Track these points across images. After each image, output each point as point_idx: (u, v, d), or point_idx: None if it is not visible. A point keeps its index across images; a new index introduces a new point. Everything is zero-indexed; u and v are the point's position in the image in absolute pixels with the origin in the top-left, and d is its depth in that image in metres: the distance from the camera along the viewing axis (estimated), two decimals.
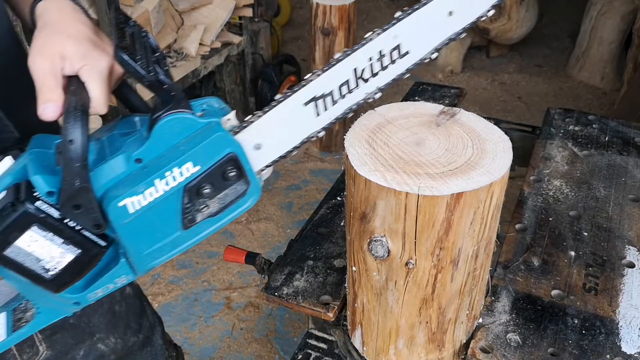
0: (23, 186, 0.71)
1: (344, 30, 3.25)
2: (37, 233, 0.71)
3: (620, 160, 1.40)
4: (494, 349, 0.96)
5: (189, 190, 0.72)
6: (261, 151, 0.77)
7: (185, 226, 0.75)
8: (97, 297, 0.82)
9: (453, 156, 0.83)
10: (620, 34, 3.96)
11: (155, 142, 0.71)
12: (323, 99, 0.76)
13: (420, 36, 0.75)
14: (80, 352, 1.18)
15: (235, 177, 0.74)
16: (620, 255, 1.13)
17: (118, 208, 0.71)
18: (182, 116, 0.71)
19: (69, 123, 0.68)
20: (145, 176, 0.71)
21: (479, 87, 4.18)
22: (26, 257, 0.73)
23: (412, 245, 0.82)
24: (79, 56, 0.74)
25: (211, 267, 2.71)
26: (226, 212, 0.76)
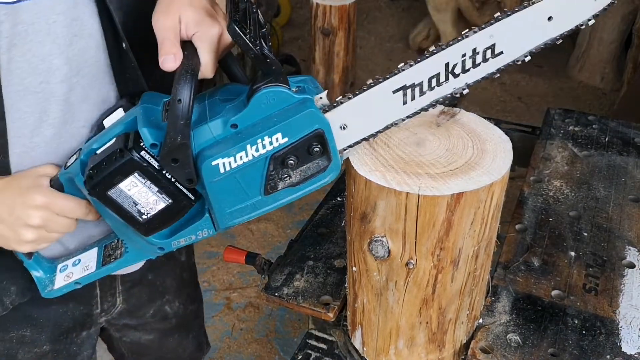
0: (131, 136, 0.79)
1: (344, 30, 3.26)
2: (138, 179, 0.80)
3: (620, 161, 1.40)
4: (494, 349, 0.96)
5: (275, 159, 0.77)
6: (346, 131, 0.81)
7: (267, 191, 0.80)
8: (179, 246, 0.90)
9: (453, 156, 0.83)
10: (620, 34, 3.96)
11: (251, 111, 0.76)
12: (412, 88, 0.79)
13: (516, 38, 0.77)
14: (150, 310, 1.27)
15: (319, 153, 0.78)
16: (621, 256, 1.13)
17: (211, 167, 0.77)
18: (279, 89, 0.76)
19: (179, 84, 0.74)
20: (239, 141, 0.76)
21: (479, 87, 4.18)
22: (125, 199, 0.82)
23: (413, 246, 0.82)
24: (195, 22, 0.81)
25: (211, 267, 2.71)
26: (306, 184, 0.81)
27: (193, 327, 1.43)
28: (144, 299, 1.24)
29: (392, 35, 4.92)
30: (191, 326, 1.42)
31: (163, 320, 1.31)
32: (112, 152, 0.79)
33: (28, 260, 0.96)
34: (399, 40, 4.81)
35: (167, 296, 1.28)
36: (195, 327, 1.44)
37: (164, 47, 0.79)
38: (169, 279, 1.27)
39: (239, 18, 0.75)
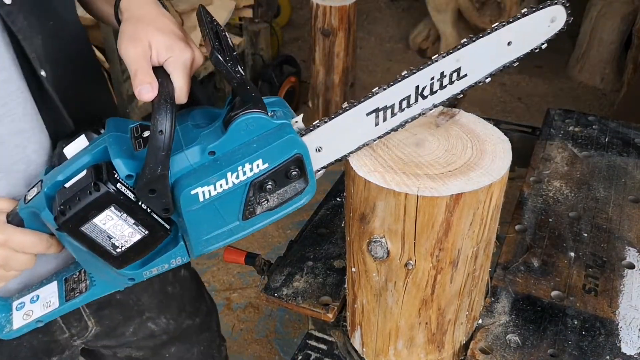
0: (104, 167, 0.76)
1: (344, 31, 3.26)
2: (114, 212, 0.77)
3: (620, 161, 1.40)
4: (493, 349, 0.96)
5: (254, 185, 0.78)
6: (321, 154, 0.84)
7: (245, 217, 0.81)
8: (151, 275, 0.88)
9: (452, 157, 0.83)
10: (620, 34, 3.96)
11: (230, 138, 0.76)
12: (384, 110, 0.82)
13: (479, 62, 0.82)
14: (130, 329, 1.21)
15: (297, 176, 0.79)
16: (620, 256, 1.13)
17: (190, 195, 0.76)
18: (258, 116, 0.76)
19: (160, 114, 0.72)
20: (219, 168, 0.76)
21: (479, 88, 4.18)
22: (99, 234, 0.79)
23: (412, 246, 0.82)
24: (166, 48, 0.79)
25: (211, 267, 2.71)
26: (283, 208, 0.82)
27: (199, 341, 1.36)
28: (119, 319, 1.18)
29: (392, 36, 4.92)
30: (195, 340, 1.35)
31: (150, 338, 1.25)
32: (85, 185, 0.75)
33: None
34: (399, 40, 4.81)
35: (148, 313, 1.22)
36: (202, 340, 1.36)
37: (137, 76, 0.76)
38: (144, 296, 1.21)
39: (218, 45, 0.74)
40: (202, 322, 1.36)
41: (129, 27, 0.81)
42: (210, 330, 1.40)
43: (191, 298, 1.33)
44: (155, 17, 0.83)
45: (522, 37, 0.81)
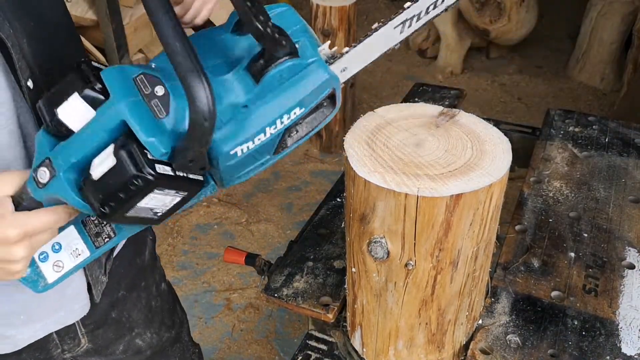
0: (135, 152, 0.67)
1: (344, 31, 3.25)
2: (157, 193, 0.71)
3: (620, 162, 1.40)
4: (493, 350, 0.96)
5: (289, 129, 0.75)
6: (345, 72, 0.80)
7: (277, 152, 0.77)
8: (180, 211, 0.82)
9: (452, 157, 0.83)
10: (620, 35, 3.96)
11: (264, 90, 0.71)
12: (411, 19, 0.80)
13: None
14: (120, 347, 1.21)
15: (327, 105, 0.76)
16: (620, 257, 1.13)
17: (229, 155, 0.72)
18: (292, 63, 0.71)
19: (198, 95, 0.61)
20: (256, 124, 0.71)
21: (479, 88, 4.18)
22: (143, 211, 0.74)
23: (412, 247, 0.82)
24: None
25: (211, 268, 2.71)
26: (311, 132, 0.78)
27: (173, 353, 1.36)
28: (111, 338, 1.17)
29: None
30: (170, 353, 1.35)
31: (137, 354, 1.25)
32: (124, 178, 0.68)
33: None
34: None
35: (137, 330, 1.22)
36: (176, 352, 1.37)
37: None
38: (134, 312, 1.20)
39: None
40: (176, 333, 1.35)
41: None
42: (181, 341, 1.39)
43: (168, 311, 1.33)
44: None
45: None
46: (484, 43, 4.41)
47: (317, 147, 3.50)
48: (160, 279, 1.31)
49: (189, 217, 3.00)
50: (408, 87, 2.01)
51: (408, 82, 4.10)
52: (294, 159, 3.44)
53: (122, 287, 1.16)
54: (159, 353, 1.31)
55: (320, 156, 3.46)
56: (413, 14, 0.79)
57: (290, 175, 3.29)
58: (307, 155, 3.48)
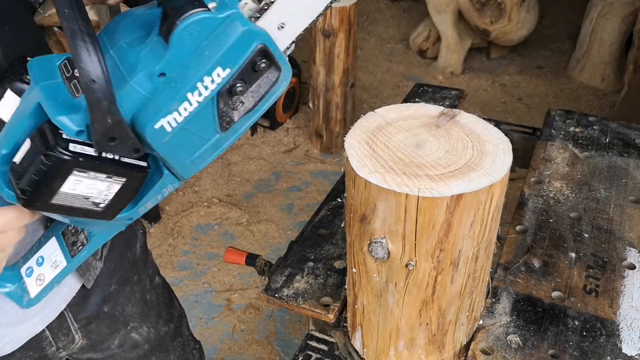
0: (48, 131, 0.65)
1: (344, 32, 3.26)
2: (79, 176, 0.68)
3: (621, 162, 1.40)
4: (494, 350, 0.96)
5: (222, 95, 0.68)
6: (285, 30, 0.72)
7: (223, 128, 0.72)
8: (147, 209, 0.80)
9: (453, 158, 0.83)
10: (621, 35, 3.96)
11: (176, 52, 0.66)
12: None
13: None
14: (115, 342, 1.20)
15: (267, 66, 0.69)
16: (621, 257, 1.13)
17: (155, 130, 0.67)
18: (200, 17, 0.65)
19: (82, 57, 0.60)
20: (175, 92, 0.66)
21: (480, 89, 4.18)
22: (74, 199, 0.71)
23: (412, 247, 0.82)
24: None
25: (211, 268, 2.71)
26: (262, 103, 0.72)
27: (173, 348, 1.35)
28: (106, 332, 1.16)
29: (393, 37, 4.92)
30: (170, 347, 1.34)
31: (134, 348, 1.24)
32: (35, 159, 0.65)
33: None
34: (400, 41, 4.81)
35: (132, 323, 1.21)
36: (176, 347, 1.36)
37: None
38: (129, 306, 1.19)
39: None
40: (175, 327, 1.35)
41: None
42: (182, 336, 1.39)
43: (165, 304, 1.32)
44: None
45: None
46: (484, 43, 4.41)
47: (318, 148, 3.50)
48: (153, 272, 1.30)
49: (189, 218, 3.00)
50: (408, 87, 2.01)
51: (408, 82, 4.11)
52: (294, 159, 3.44)
53: (114, 281, 1.16)
54: (158, 347, 1.31)
55: (320, 156, 3.46)
56: None
57: (290, 176, 3.29)
58: (308, 155, 3.48)
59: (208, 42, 0.65)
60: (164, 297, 1.32)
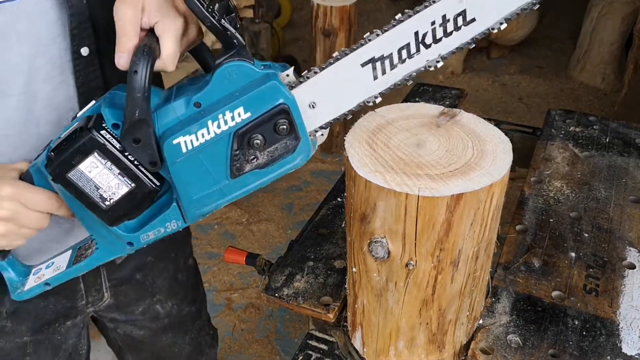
0: (94, 117, 0.77)
1: (344, 31, 3.26)
2: (98, 159, 0.77)
3: (621, 162, 1.40)
4: (494, 350, 0.96)
5: (239, 137, 0.75)
6: (316, 110, 0.78)
7: (233, 174, 0.78)
8: (149, 240, 0.87)
9: (453, 157, 0.83)
10: (621, 35, 3.96)
11: (214, 87, 0.74)
12: (381, 61, 0.75)
13: (488, 3, 0.72)
14: (139, 308, 1.27)
15: (286, 131, 0.75)
16: (621, 257, 1.13)
17: (172, 145, 0.75)
18: (241, 64, 0.74)
19: (136, 56, 0.72)
20: (200, 118, 0.74)
21: (480, 88, 4.18)
22: (86, 183, 0.79)
23: (412, 247, 0.82)
24: (157, 10, 0.77)
25: (212, 268, 2.71)
26: (274, 167, 0.78)
27: (191, 329, 1.42)
28: (133, 297, 1.24)
29: None
30: (188, 328, 1.40)
31: (154, 319, 1.31)
32: (72, 131, 0.77)
33: (1, 260, 0.94)
34: None
35: (158, 296, 1.28)
36: (193, 329, 1.42)
37: (120, 42, 0.76)
38: (159, 280, 1.27)
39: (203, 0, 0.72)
40: (196, 310, 1.41)
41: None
42: (201, 319, 1.45)
43: (193, 286, 1.39)
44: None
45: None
46: (484, 43, 4.41)
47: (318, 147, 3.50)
48: (189, 254, 1.38)
49: None
50: (409, 87, 2.01)
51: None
52: None
53: (151, 254, 1.23)
54: (177, 325, 1.37)
55: (320, 156, 3.46)
56: (381, 54, 0.75)
57: (290, 175, 3.29)
58: None
59: (242, 88, 0.74)
60: (193, 279, 1.39)
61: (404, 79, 0.77)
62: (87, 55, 0.88)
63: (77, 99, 0.91)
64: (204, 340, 1.48)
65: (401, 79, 0.77)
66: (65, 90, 0.89)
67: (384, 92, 0.78)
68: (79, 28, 0.86)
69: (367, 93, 0.78)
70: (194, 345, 1.44)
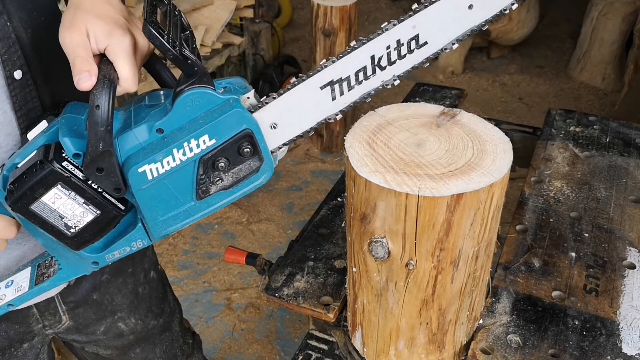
0: (52, 146, 0.76)
1: (344, 31, 3.26)
2: (62, 191, 0.76)
3: (621, 162, 1.40)
4: (494, 350, 0.96)
5: (204, 162, 0.76)
6: (277, 130, 0.80)
7: (199, 196, 0.79)
8: (115, 259, 0.87)
9: (453, 157, 0.83)
10: (621, 34, 3.96)
11: (176, 114, 0.75)
12: (340, 83, 0.78)
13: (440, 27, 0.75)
14: (101, 328, 1.23)
15: (250, 153, 0.77)
16: (621, 257, 1.13)
17: (138, 174, 0.75)
18: (203, 91, 0.75)
19: (96, 90, 0.72)
20: (165, 145, 0.75)
21: (480, 88, 4.18)
22: (50, 213, 0.78)
23: (413, 246, 0.82)
24: (105, 34, 0.77)
25: (212, 268, 2.71)
26: (239, 187, 0.80)
27: (160, 342, 1.37)
28: (92, 318, 1.20)
29: None
30: (157, 341, 1.36)
31: (118, 337, 1.26)
32: (32, 164, 0.76)
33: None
34: None
35: (120, 314, 1.24)
36: (163, 341, 1.37)
37: (76, 65, 0.74)
38: (118, 297, 1.22)
39: (156, 19, 0.73)
40: (164, 322, 1.37)
41: (68, 14, 0.79)
42: (171, 330, 1.40)
43: (157, 299, 1.34)
44: (95, 3, 0.80)
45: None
46: (484, 43, 4.41)
47: (318, 147, 3.50)
48: (150, 266, 1.31)
49: None
50: (409, 86, 2.01)
51: (409, 81, 4.10)
52: (294, 158, 3.44)
53: (107, 270, 1.18)
54: (144, 340, 1.32)
55: (321, 156, 3.47)
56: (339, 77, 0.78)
57: (291, 175, 3.29)
58: (308, 154, 3.48)
59: (205, 114, 0.75)
60: (157, 292, 1.34)
61: (362, 97, 0.81)
62: (20, 78, 0.86)
63: (15, 122, 0.89)
64: (179, 351, 1.44)
65: (359, 98, 0.81)
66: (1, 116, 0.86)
67: (342, 110, 0.81)
68: (8, 52, 0.84)
69: (326, 113, 0.81)
70: (168, 357, 1.40)
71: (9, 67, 0.84)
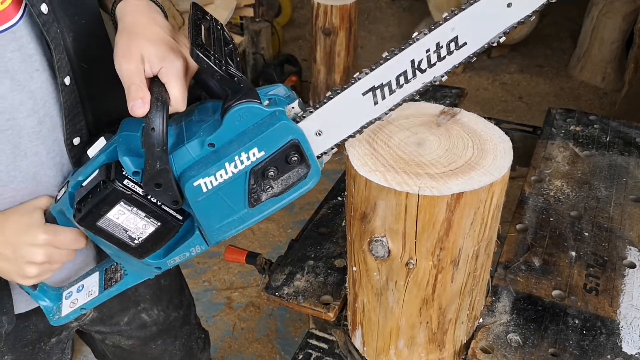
0: (113, 166, 0.82)
1: (345, 30, 3.26)
2: (124, 207, 0.82)
3: (622, 161, 1.40)
4: (494, 349, 0.96)
5: (254, 173, 0.80)
6: (322, 137, 0.83)
7: (251, 204, 0.83)
8: (175, 263, 0.93)
9: (453, 156, 0.83)
10: (622, 34, 3.95)
11: (226, 129, 0.79)
12: (381, 88, 0.80)
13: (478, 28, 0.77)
14: (125, 319, 1.27)
15: (297, 162, 0.80)
16: (621, 256, 1.13)
17: (193, 187, 0.80)
18: (250, 105, 0.78)
19: (151, 113, 0.76)
20: (217, 159, 0.79)
21: (480, 88, 4.18)
22: (115, 227, 0.85)
23: (413, 246, 0.82)
24: (158, 58, 0.81)
25: (212, 267, 2.71)
26: (289, 193, 0.84)
27: (180, 334, 1.40)
28: (117, 309, 1.23)
29: (393, 35, 4.92)
30: (178, 333, 1.39)
31: (141, 328, 1.30)
32: (96, 184, 0.81)
33: (33, 291, 0.98)
34: (400, 40, 4.81)
35: (143, 304, 1.28)
36: (183, 334, 1.41)
37: (130, 92, 0.78)
38: (141, 287, 1.26)
39: (202, 41, 0.76)
40: (184, 314, 1.40)
41: (122, 41, 0.83)
42: (189, 323, 1.44)
43: (177, 291, 1.38)
44: (146, 26, 0.85)
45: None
46: None
47: None
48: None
49: None
50: None
51: None
52: None
53: None
54: (166, 331, 1.36)
55: None
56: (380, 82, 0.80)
57: None
58: None
59: (253, 127, 0.79)
60: (176, 284, 1.38)
61: (403, 99, 0.82)
62: (69, 84, 0.90)
63: (62, 128, 0.92)
64: (195, 344, 1.47)
65: (401, 100, 0.82)
66: (49, 122, 0.90)
67: (385, 113, 0.83)
68: (60, 59, 0.87)
69: (369, 117, 0.83)
70: (186, 350, 1.43)
71: (61, 74, 0.88)
